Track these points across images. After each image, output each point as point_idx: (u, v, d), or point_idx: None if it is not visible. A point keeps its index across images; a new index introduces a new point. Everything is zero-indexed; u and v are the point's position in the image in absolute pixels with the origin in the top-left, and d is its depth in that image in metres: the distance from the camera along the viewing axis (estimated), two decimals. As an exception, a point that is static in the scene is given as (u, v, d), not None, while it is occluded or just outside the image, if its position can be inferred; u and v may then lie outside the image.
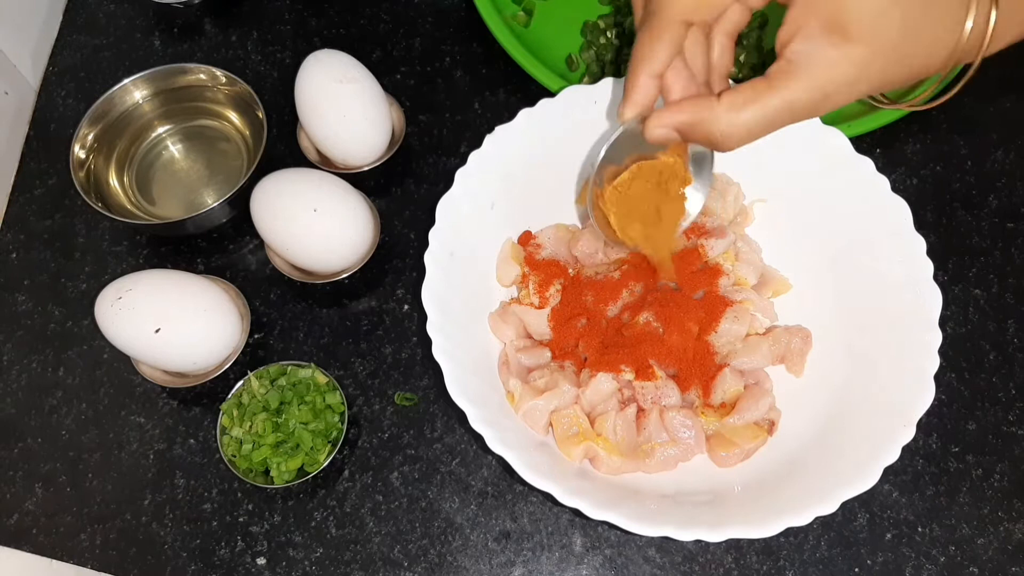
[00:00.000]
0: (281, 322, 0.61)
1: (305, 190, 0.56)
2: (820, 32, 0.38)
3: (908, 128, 0.66)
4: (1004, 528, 0.54)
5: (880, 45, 0.37)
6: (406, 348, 0.60)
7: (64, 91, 0.70)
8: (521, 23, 0.70)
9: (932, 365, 0.49)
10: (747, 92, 0.40)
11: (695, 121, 0.42)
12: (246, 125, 0.66)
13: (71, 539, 0.55)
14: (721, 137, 0.41)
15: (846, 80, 0.38)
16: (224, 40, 0.73)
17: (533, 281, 0.57)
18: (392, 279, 0.62)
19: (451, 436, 0.57)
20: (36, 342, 0.61)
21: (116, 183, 0.65)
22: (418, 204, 0.65)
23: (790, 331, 0.56)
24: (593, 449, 0.51)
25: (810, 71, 0.38)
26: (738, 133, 0.41)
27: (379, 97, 0.62)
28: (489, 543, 0.54)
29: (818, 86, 0.39)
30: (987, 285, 0.61)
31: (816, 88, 0.39)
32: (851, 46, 0.37)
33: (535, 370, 0.54)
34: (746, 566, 0.53)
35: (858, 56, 0.38)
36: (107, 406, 0.59)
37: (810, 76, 0.38)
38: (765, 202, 0.60)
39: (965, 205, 0.64)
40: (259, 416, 0.54)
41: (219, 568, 0.54)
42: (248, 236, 0.64)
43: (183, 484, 0.56)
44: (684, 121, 0.42)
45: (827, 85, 0.38)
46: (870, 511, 0.54)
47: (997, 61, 0.41)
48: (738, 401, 0.53)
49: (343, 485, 0.56)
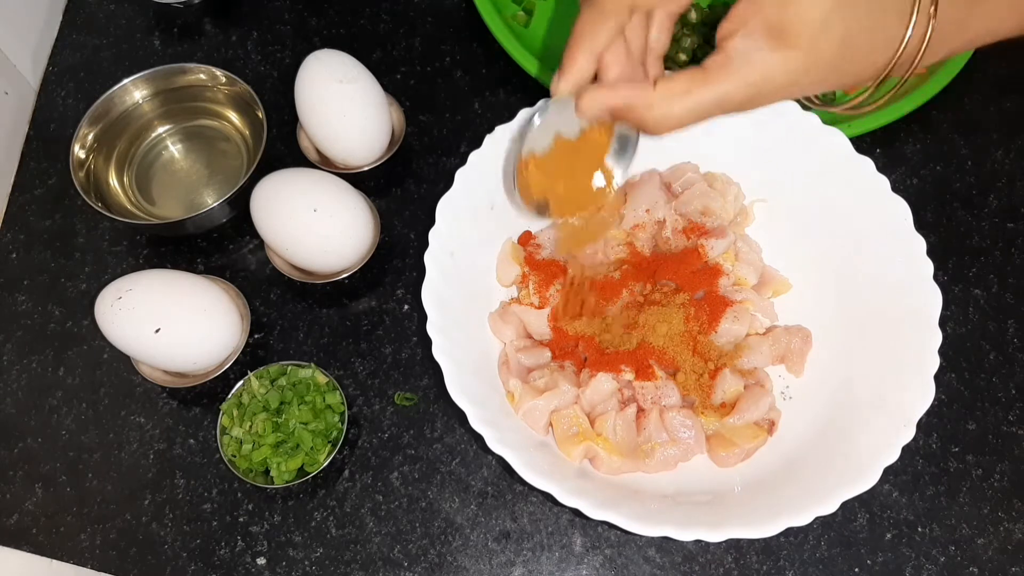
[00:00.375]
0: (281, 322, 0.61)
1: (305, 190, 0.56)
2: (762, 33, 0.39)
3: (908, 128, 0.66)
4: (1004, 528, 0.54)
5: (818, 56, 0.38)
6: (406, 348, 0.60)
7: (64, 91, 0.70)
8: (521, 23, 0.70)
9: (932, 365, 0.49)
10: (683, 83, 0.41)
11: (629, 105, 0.42)
12: (246, 125, 0.66)
13: (71, 539, 0.55)
14: (653, 124, 0.42)
15: (781, 83, 0.39)
16: (224, 40, 0.73)
17: (533, 281, 0.57)
18: (392, 279, 0.62)
19: (451, 436, 0.57)
20: (36, 342, 0.61)
21: (116, 183, 0.65)
22: (418, 204, 0.65)
23: (790, 331, 0.56)
24: (593, 449, 0.51)
25: (746, 69, 0.39)
26: (669, 122, 0.42)
27: (379, 97, 0.62)
28: (489, 543, 0.54)
29: (752, 84, 0.40)
30: (987, 285, 0.61)
31: (750, 86, 0.40)
32: (790, 52, 0.38)
33: (535, 370, 0.54)
34: (746, 566, 0.53)
35: (795, 63, 0.39)
36: (107, 406, 0.59)
37: (746, 74, 0.39)
38: (765, 202, 0.60)
39: (965, 205, 0.64)
40: (259, 416, 0.54)
41: (219, 568, 0.54)
42: (248, 236, 0.64)
43: (183, 484, 0.56)
44: (618, 104, 0.43)
45: (761, 85, 0.39)
46: (870, 511, 0.54)
47: (997, 61, 0.41)
48: (738, 401, 0.53)
49: (343, 485, 0.56)
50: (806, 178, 0.58)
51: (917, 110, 0.63)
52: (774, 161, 0.58)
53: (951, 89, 0.64)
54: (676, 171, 0.60)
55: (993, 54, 0.68)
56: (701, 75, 0.40)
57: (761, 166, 0.59)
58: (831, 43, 0.38)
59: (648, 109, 0.42)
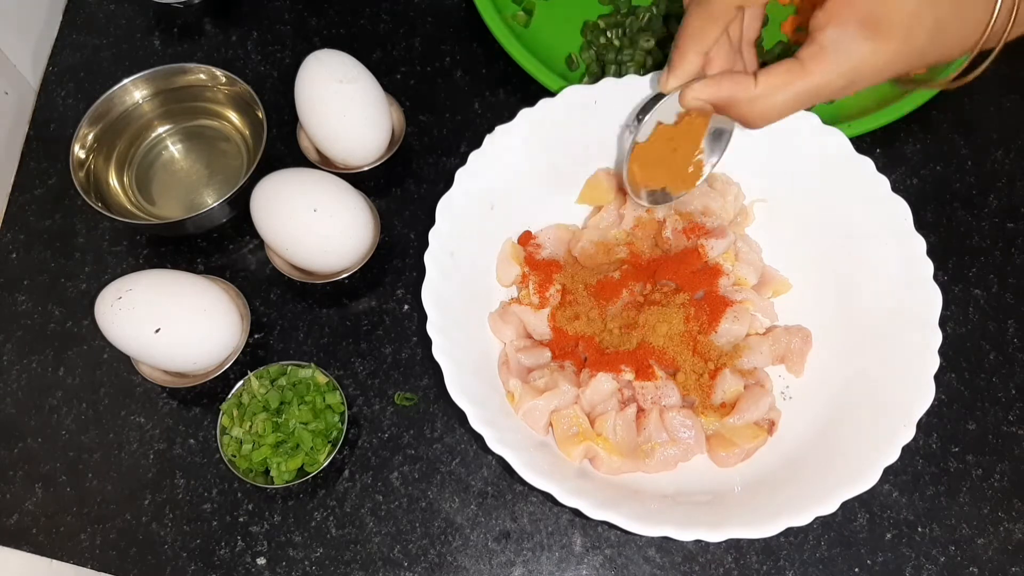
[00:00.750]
0: (281, 322, 0.61)
1: (305, 190, 0.56)
2: (855, 24, 0.40)
3: (908, 128, 0.66)
4: (1004, 528, 0.54)
5: (911, 44, 0.40)
6: (406, 348, 0.60)
7: (64, 91, 0.70)
8: (521, 23, 0.70)
9: (932, 365, 0.49)
10: (782, 75, 0.43)
11: (733, 99, 0.44)
12: (246, 125, 0.66)
13: (71, 539, 0.55)
14: (754, 117, 0.44)
15: (873, 71, 0.41)
16: (224, 40, 0.73)
17: (533, 281, 0.57)
18: (392, 279, 0.62)
19: (451, 436, 0.57)
20: (36, 342, 0.61)
21: (116, 183, 0.65)
22: (418, 204, 0.65)
23: (790, 331, 0.56)
24: (593, 449, 0.51)
25: (841, 58, 0.41)
26: (770, 114, 0.44)
27: (379, 97, 0.62)
28: (489, 543, 0.54)
29: (846, 73, 0.41)
30: (987, 285, 0.61)
31: (844, 75, 0.41)
32: (883, 42, 0.40)
33: (535, 370, 0.54)
34: (746, 566, 0.53)
35: (889, 51, 0.40)
36: (107, 406, 0.59)
37: (841, 63, 0.41)
38: (765, 202, 0.60)
39: (965, 205, 0.64)
40: (259, 416, 0.54)
41: (219, 568, 0.54)
42: (248, 236, 0.64)
43: (183, 484, 0.56)
44: (722, 97, 0.45)
45: (855, 74, 0.41)
46: (870, 511, 0.54)
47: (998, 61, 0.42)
48: (738, 401, 0.53)
49: (343, 485, 0.56)
50: (806, 178, 0.58)
51: (917, 110, 0.63)
52: (774, 161, 0.58)
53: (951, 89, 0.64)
54: (676, 171, 0.60)
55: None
56: (799, 67, 0.42)
57: (761, 166, 0.59)
58: (922, 32, 0.40)
59: (751, 103, 0.44)
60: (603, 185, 0.60)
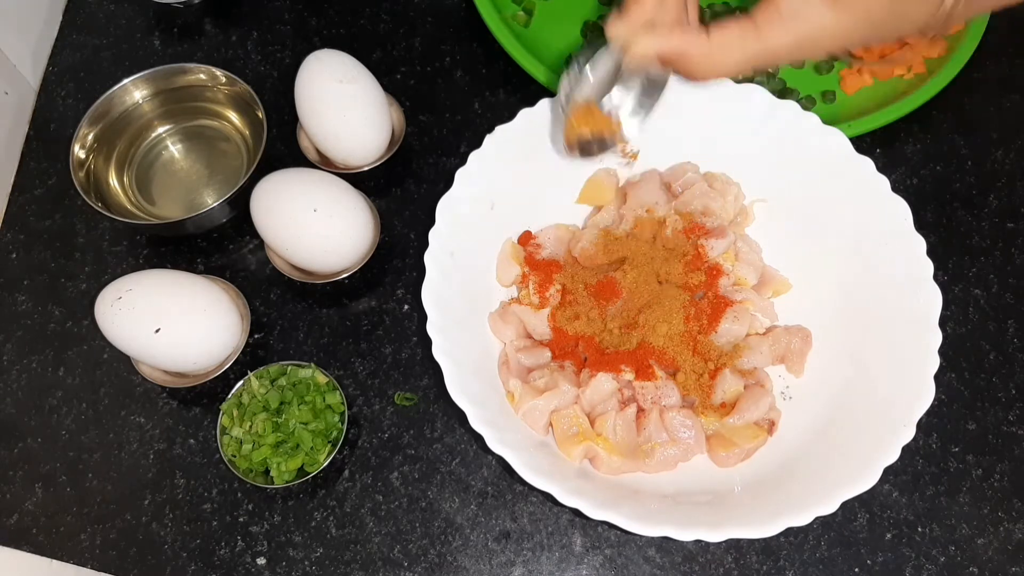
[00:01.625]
0: (281, 322, 0.61)
1: (305, 190, 0.56)
2: None
3: (908, 128, 0.66)
4: (1004, 528, 0.54)
5: (868, 16, 0.40)
6: (406, 348, 0.60)
7: (64, 91, 0.70)
8: (521, 23, 0.70)
9: (932, 365, 0.49)
10: (735, 33, 0.42)
11: (683, 52, 0.44)
12: (246, 125, 0.66)
13: (71, 539, 0.55)
14: (703, 72, 0.44)
15: (828, 39, 0.41)
16: (224, 40, 0.73)
17: (533, 281, 0.57)
18: (392, 279, 0.62)
19: (451, 436, 0.57)
20: (36, 342, 0.61)
21: (116, 183, 0.65)
22: (418, 204, 0.65)
23: (790, 331, 0.56)
24: (593, 449, 0.51)
25: (797, 24, 0.41)
26: (719, 70, 0.44)
27: (379, 97, 0.62)
28: (489, 543, 0.54)
29: (800, 39, 0.41)
30: (987, 285, 0.61)
31: (799, 41, 0.41)
32: (842, 12, 0.40)
33: (535, 370, 0.54)
34: (746, 566, 0.53)
35: (846, 22, 0.40)
36: (107, 406, 0.59)
37: (795, 29, 0.41)
38: (765, 202, 0.60)
39: (965, 205, 0.64)
40: (259, 416, 0.54)
41: (219, 568, 0.54)
42: (248, 236, 0.64)
43: (183, 484, 0.56)
44: (672, 50, 0.44)
45: (809, 40, 0.41)
46: (870, 511, 0.54)
47: (997, 61, 0.42)
48: (738, 401, 0.53)
49: (343, 485, 0.56)
50: (806, 178, 0.58)
51: (917, 110, 0.64)
52: (774, 161, 0.58)
53: (951, 89, 0.64)
54: (676, 171, 0.60)
55: (993, 54, 0.68)
56: (752, 28, 0.42)
57: (761, 166, 0.59)
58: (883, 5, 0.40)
59: (701, 59, 0.43)
60: (603, 185, 0.60)
